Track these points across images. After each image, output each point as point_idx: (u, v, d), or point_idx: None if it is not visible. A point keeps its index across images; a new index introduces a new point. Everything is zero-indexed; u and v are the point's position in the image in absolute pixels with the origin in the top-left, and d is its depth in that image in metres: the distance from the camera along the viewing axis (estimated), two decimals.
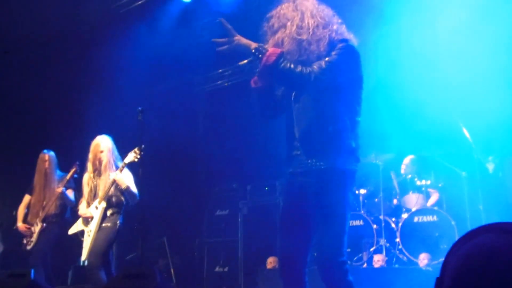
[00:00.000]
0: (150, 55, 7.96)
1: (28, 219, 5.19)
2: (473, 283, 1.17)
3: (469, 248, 1.25)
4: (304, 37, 2.41)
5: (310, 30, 2.41)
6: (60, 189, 4.96)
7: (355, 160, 2.48)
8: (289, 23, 2.43)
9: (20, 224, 5.18)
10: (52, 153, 5.33)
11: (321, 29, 2.44)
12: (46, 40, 6.71)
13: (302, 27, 2.42)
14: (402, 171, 5.92)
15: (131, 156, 4.34)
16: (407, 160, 5.91)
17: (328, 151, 2.41)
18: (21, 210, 5.29)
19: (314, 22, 2.43)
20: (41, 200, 5.12)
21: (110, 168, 4.42)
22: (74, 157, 5.19)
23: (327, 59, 2.39)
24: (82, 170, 4.88)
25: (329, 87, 2.41)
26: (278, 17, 2.48)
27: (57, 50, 6.95)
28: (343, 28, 2.55)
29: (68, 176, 5.06)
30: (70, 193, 5.17)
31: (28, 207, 5.27)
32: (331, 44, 2.43)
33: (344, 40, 2.48)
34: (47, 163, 5.22)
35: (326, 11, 2.52)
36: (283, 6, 2.51)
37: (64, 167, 5.28)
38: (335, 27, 2.49)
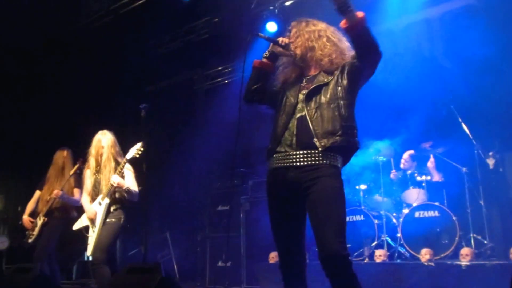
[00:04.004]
0: (150, 53, 7.98)
1: (35, 214, 5.21)
2: None
3: None
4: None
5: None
6: (59, 192, 4.98)
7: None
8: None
9: (25, 217, 5.21)
10: (70, 150, 5.38)
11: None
12: (53, 41, 6.74)
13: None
14: (402, 166, 5.93)
15: (133, 152, 4.32)
16: (406, 155, 5.92)
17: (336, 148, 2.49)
18: (30, 205, 5.30)
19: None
20: (49, 195, 5.12)
21: (111, 163, 4.41)
22: (77, 154, 5.20)
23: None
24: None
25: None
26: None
27: (59, 49, 6.98)
28: None
29: (71, 172, 5.08)
30: (77, 193, 5.15)
31: (37, 202, 5.28)
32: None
33: None
34: (65, 159, 5.26)
35: None
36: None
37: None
38: None
